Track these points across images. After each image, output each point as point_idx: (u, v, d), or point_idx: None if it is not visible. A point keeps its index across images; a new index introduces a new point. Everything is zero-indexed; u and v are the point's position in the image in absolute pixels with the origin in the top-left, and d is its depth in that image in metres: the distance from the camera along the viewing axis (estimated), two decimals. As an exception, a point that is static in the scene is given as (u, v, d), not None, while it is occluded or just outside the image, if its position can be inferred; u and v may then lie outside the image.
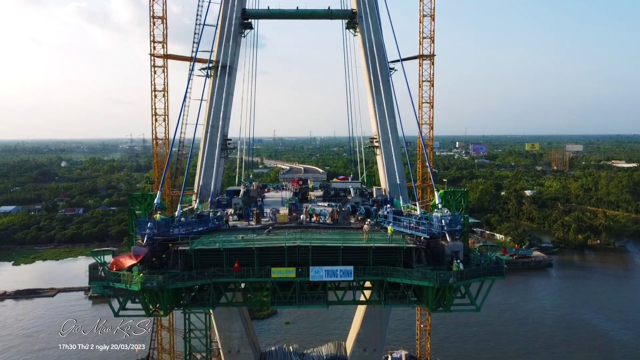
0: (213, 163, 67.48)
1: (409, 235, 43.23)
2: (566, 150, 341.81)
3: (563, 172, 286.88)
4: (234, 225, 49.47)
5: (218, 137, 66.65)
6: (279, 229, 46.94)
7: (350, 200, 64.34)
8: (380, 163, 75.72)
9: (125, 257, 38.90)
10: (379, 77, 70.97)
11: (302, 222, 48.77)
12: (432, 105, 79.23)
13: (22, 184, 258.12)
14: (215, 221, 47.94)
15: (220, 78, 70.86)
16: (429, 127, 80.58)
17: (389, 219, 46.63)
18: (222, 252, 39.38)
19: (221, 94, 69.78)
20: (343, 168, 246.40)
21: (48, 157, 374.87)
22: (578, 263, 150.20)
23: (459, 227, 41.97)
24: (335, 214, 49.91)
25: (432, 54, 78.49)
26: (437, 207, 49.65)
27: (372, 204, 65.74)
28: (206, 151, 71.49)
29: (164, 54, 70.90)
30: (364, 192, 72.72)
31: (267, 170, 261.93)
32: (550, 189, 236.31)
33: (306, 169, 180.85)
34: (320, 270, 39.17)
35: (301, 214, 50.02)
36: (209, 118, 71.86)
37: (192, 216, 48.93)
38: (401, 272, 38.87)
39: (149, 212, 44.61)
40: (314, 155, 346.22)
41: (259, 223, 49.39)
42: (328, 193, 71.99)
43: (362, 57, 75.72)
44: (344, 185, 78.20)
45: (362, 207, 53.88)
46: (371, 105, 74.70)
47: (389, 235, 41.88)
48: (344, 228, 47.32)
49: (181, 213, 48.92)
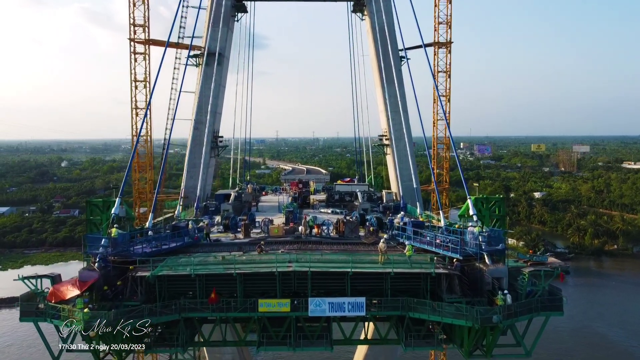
0: (200, 163, 57.85)
1: (434, 254, 33.66)
2: (573, 151, 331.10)
3: (571, 173, 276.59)
4: (217, 238, 39.80)
5: (206, 134, 57.03)
6: (271, 244, 37.33)
7: (358, 207, 54.56)
8: (391, 163, 65.92)
9: (68, 284, 29.32)
10: (391, 66, 61.23)
11: (300, 235, 39.10)
12: (449, 98, 69.46)
13: (20, 185, 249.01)
14: (195, 233, 38.44)
15: (209, 67, 61.25)
16: (444, 124, 70.73)
17: (407, 233, 36.95)
18: (195, 278, 29.82)
19: (210, 84, 60.21)
20: (347, 169, 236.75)
21: (49, 157, 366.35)
22: (595, 270, 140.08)
23: (501, 246, 32.25)
24: (341, 225, 40.22)
25: (448, 41, 68.74)
26: (468, 218, 40.23)
27: (383, 211, 56.10)
28: (192, 149, 62.01)
29: (146, 39, 61.38)
30: (373, 197, 63.01)
31: (269, 171, 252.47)
32: (560, 190, 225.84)
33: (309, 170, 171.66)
34: (322, 303, 29.52)
35: (300, 225, 40.32)
36: (196, 112, 62.41)
37: (167, 228, 39.36)
38: (428, 306, 29.19)
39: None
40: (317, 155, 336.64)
41: (248, 236, 39.77)
42: (332, 197, 62.28)
43: (370, 44, 65.99)
44: (349, 188, 68.48)
45: (373, 216, 44.09)
46: (380, 97, 64.96)
47: (409, 252, 32.26)
48: (352, 243, 37.65)
49: (153, 224, 39.36)
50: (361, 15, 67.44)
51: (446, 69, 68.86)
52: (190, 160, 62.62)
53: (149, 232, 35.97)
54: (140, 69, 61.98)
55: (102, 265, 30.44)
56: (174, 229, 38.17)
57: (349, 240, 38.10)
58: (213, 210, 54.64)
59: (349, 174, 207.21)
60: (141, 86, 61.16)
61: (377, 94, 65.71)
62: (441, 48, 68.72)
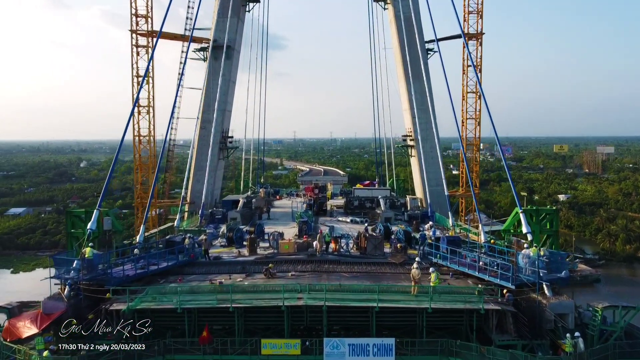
0: (206, 165, 52.18)
1: (477, 279, 27.32)
2: (597, 152, 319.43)
3: (596, 175, 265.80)
4: (218, 255, 33.78)
5: (212, 133, 51.28)
6: (281, 263, 31.26)
7: (380, 216, 48.25)
8: (416, 166, 59.50)
9: (27, 319, 23.60)
10: (417, 59, 54.82)
11: (315, 252, 32.92)
12: (480, 95, 62.63)
13: (38, 185, 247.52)
14: (192, 250, 32.55)
15: (217, 61, 55.61)
16: (475, 123, 64.01)
17: (442, 252, 30.58)
18: (183, 312, 23.86)
19: (218, 80, 54.49)
20: (365, 170, 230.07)
21: (68, 158, 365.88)
22: (627, 278, 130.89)
23: (565, 274, 25.67)
24: (362, 240, 33.95)
25: (479, 32, 61.98)
26: (509, 232, 33.89)
27: (408, 220, 49.69)
28: (198, 151, 56.38)
29: (148, 31, 55.84)
30: (396, 203, 56.56)
31: (287, 171, 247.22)
32: (586, 193, 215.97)
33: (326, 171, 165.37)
34: (340, 345, 23.32)
35: (314, 240, 34.10)
36: (202, 110, 56.76)
37: (159, 243, 33.52)
38: (475, 351, 22.79)
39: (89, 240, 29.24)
40: (334, 156, 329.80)
41: (254, 253, 33.76)
42: (350, 204, 56.02)
43: (393, 35, 59.67)
44: (369, 193, 62.11)
45: (400, 228, 37.64)
46: (405, 94, 58.57)
47: (435, 282, 25.75)
48: (376, 263, 31.36)
49: (145, 238, 33.60)
50: (383, 3, 61.12)
51: (476, 63, 62.06)
52: (197, 163, 57.07)
53: (134, 251, 30.04)
54: (144, 64, 56.36)
55: (73, 293, 24.71)
56: (168, 245, 32.31)
57: (372, 260, 31.81)
58: (220, 218, 48.90)
59: (367, 176, 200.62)
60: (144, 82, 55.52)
61: (401, 90, 59.38)
62: (471, 40, 61.96)
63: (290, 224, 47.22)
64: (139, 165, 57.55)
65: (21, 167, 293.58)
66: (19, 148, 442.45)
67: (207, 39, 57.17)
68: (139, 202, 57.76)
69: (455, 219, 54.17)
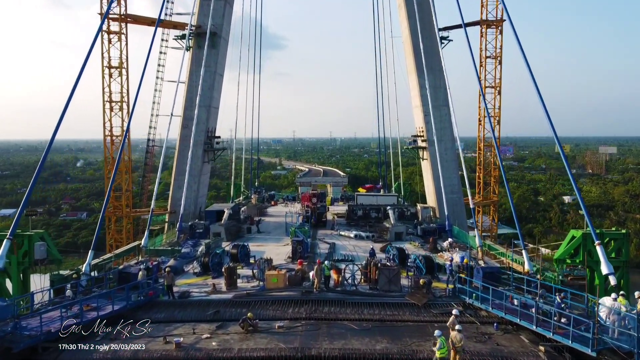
0: (190, 169, 44.44)
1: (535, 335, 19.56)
2: (600, 153, 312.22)
3: (600, 175, 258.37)
4: (186, 292, 25.71)
5: (193, 132, 43.38)
6: (266, 304, 23.37)
7: (390, 231, 40.42)
8: (428, 170, 51.73)
9: None
10: (431, 48, 47.01)
11: (311, 287, 25.05)
12: (499, 90, 54.83)
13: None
14: (152, 285, 24.72)
15: (202, 50, 47.75)
16: (493, 121, 56.18)
17: (478, 290, 22.80)
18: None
19: (204, 71, 46.66)
20: (365, 170, 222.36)
21: (65, 157, 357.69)
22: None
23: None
24: (373, 270, 26.07)
25: (499, 19, 54.11)
26: (564, 262, 26.45)
27: (422, 235, 41.90)
28: (180, 153, 48.62)
29: (121, 15, 47.91)
30: (405, 213, 48.69)
31: (285, 172, 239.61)
32: (591, 194, 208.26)
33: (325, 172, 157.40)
34: None
35: (311, 270, 26.21)
36: (184, 106, 48.99)
37: (109, 275, 25.63)
38: None
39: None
40: (334, 156, 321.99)
41: (233, 286, 25.87)
42: (353, 214, 48.22)
43: (403, 23, 51.79)
44: (374, 199, 54.25)
45: (419, 255, 29.58)
46: (415, 88, 50.72)
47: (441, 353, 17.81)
48: (392, 304, 23.48)
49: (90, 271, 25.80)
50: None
51: (495, 54, 54.22)
52: (178, 166, 49.28)
53: (66, 292, 22.21)
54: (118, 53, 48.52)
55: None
56: (121, 279, 24.48)
57: (386, 299, 23.93)
58: (202, 233, 41.10)
59: (368, 176, 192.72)
60: (116, 74, 47.69)
61: (411, 85, 51.51)
62: (490, 27, 54.10)
63: (284, 240, 39.45)
64: (112, 169, 49.62)
65: (17, 166, 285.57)
66: (17, 147, 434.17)
67: (191, 25, 49.33)
68: (110, 211, 49.90)
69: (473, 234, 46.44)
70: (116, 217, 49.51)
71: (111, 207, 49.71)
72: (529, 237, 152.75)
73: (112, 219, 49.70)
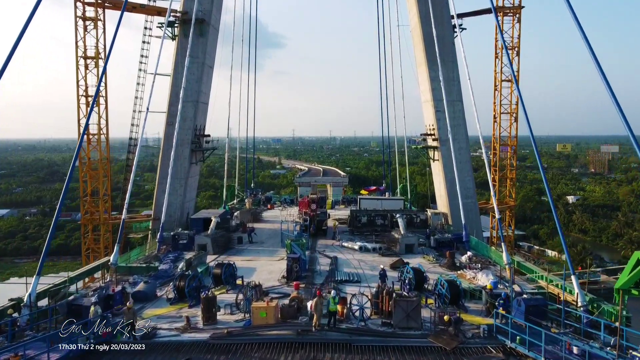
0: (174, 171, 39.19)
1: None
2: (602, 152, 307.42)
3: (602, 175, 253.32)
4: (152, 328, 20.38)
5: (176, 130, 38.04)
6: (251, 348, 18.13)
7: (400, 242, 35.14)
8: (439, 172, 46.46)
9: None
10: (448, 36, 41.74)
11: (309, 322, 19.79)
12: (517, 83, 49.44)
13: (27, 185, 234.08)
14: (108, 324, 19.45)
15: (189, 39, 42.39)
16: (510, 118, 50.89)
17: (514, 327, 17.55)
18: None
19: (190, 62, 41.35)
20: (365, 170, 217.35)
21: (63, 156, 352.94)
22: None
23: None
24: (386, 301, 20.80)
25: (517, 6, 48.79)
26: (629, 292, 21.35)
27: (435, 246, 36.68)
28: (164, 153, 43.36)
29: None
30: (414, 220, 43.38)
31: (285, 171, 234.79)
32: (595, 194, 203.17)
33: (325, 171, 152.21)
34: None
35: (309, 295, 20.94)
36: (169, 101, 43.74)
37: (55, 307, 20.40)
38: None
39: None
40: (333, 155, 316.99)
41: (211, 321, 20.60)
42: (356, 220, 42.91)
43: (412, 9, 46.39)
44: (379, 204, 48.95)
45: (442, 280, 23.97)
46: (425, 82, 45.38)
47: None
48: (412, 349, 18.19)
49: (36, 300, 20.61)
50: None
51: (512, 44, 48.88)
52: (162, 168, 43.99)
53: None
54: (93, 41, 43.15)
55: None
56: (70, 313, 19.22)
57: (405, 341, 18.63)
58: (186, 244, 35.88)
59: (369, 175, 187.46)
60: (92, 65, 42.35)
61: (420, 77, 46.21)
62: (507, 15, 48.79)
63: (278, 253, 34.22)
64: (88, 171, 44.35)
65: (13, 165, 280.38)
66: (15, 146, 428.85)
67: (177, 11, 44.02)
68: (87, 218, 44.57)
69: (494, 246, 41.32)
70: (93, 224, 44.15)
71: (88, 213, 44.41)
72: (535, 239, 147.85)
73: (89, 226, 44.31)
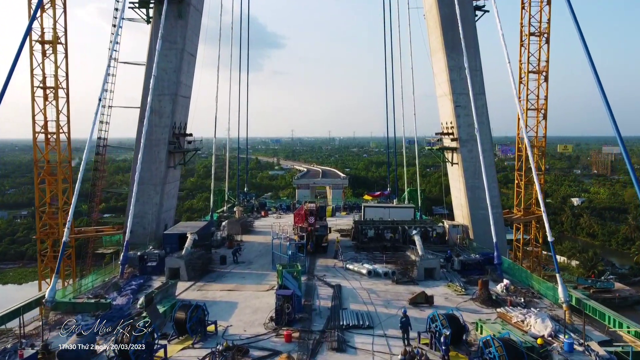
0: (146, 176, 32.43)
1: None
2: (604, 153, 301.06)
3: (605, 176, 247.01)
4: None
5: (144, 128, 31.12)
6: None
7: (418, 267, 28.18)
8: (459, 178, 39.51)
9: None
10: (466, 18, 34.81)
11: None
12: (547, 76, 42.58)
13: (21, 185, 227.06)
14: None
15: (166, 22, 35.50)
16: (537, 114, 44.03)
17: None
18: None
19: (165, 48, 34.50)
20: (365, 170, 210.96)
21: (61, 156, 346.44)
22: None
23: None
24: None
25: (547, -14, 41.91)
26: None
27: (460, 269, 29.83)
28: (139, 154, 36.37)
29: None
30: (430, 234, 36.44)
31: (283, 172, 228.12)
32: (599, 196, 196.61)
33: (324, 172, 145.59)
34: None
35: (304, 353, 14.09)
36: (142, 95, 36.80)
37: None
38: None
39: None
40: (332, 156, 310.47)
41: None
42: (362, 234, 35.97)
43: (426, -13, 39.58)
44: (386, 213, 41.88)
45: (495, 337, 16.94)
46: (443, 72, 38.44)
47: None
48: None
49: None
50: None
51: (540, 31, 42.01)
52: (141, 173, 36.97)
53: None
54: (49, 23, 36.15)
55: None
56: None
57: None
58: (155, 267, 28.98)
59: (369, 177, 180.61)
60: (50, 51, 35.37)
61: (436, 68, 39.32)
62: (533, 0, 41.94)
63: (267, 279, 27.31)
64: (46, 176, 37.39)
65: (8, 166, 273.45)
66: (12, 147, 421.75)
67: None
68: (44, 232, 37.59)
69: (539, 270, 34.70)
70: (51, 240, 37.17)
71: (46, 226, 37.46)
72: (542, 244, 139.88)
73: (48, 241, 37.31)
